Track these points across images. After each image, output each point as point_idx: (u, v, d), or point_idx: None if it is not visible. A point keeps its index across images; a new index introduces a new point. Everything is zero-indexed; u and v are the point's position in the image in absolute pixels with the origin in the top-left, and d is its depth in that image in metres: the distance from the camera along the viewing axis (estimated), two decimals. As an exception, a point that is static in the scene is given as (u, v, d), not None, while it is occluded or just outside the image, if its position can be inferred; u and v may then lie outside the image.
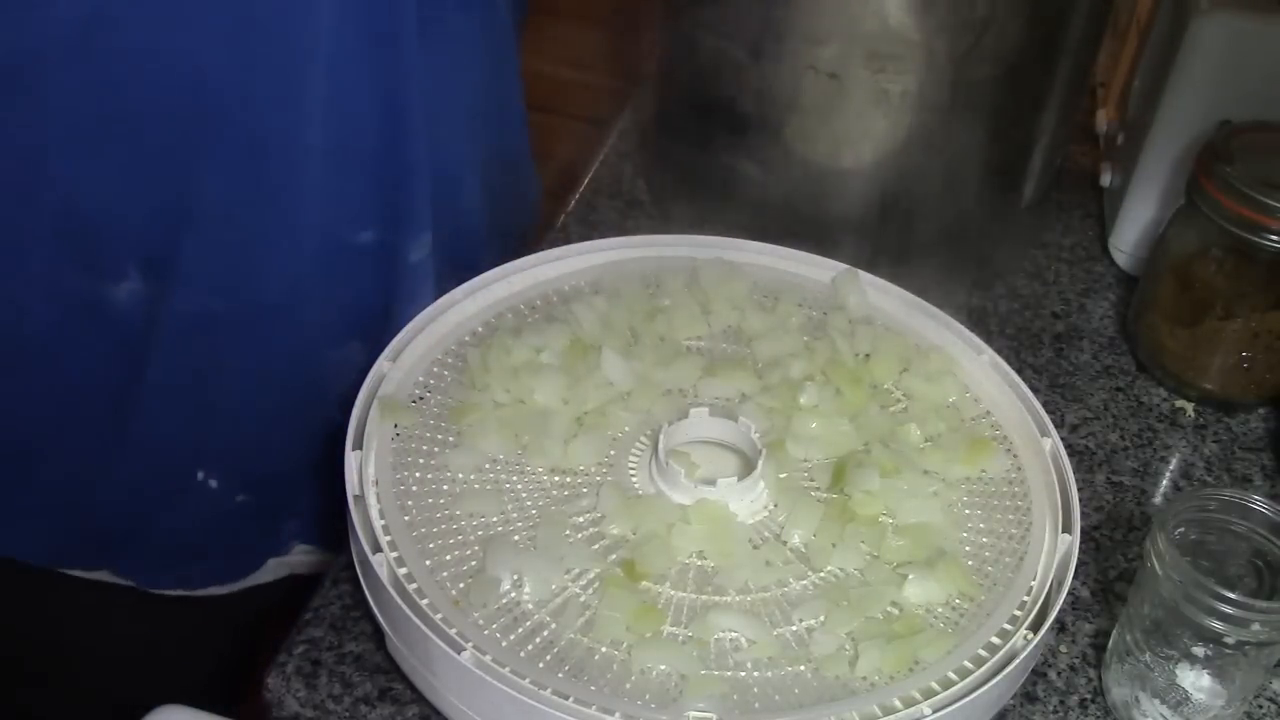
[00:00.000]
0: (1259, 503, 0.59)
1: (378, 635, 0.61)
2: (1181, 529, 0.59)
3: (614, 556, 0.60)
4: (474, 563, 0.59)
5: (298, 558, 0.81)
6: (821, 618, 0.58)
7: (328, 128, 0.61)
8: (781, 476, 0.65)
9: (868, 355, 0.71)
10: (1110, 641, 0.63)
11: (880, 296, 0.75)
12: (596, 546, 0.61)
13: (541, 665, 0.56)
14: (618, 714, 0.54)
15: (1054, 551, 0.62)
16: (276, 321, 0.67)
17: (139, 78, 0.58)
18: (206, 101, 0.59)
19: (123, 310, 0.65)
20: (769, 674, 0.57)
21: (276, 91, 0.60)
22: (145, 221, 0.63)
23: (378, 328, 0.70)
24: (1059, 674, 0.64)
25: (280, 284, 0.66)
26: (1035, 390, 0.70)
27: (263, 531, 0.78)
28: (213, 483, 0.72)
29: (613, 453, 0.65)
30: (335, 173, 0.63)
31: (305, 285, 0.67)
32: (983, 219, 0.81)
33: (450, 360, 0.69)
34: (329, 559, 0.80)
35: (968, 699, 0.55)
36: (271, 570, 0.81)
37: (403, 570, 0.58)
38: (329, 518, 0.77)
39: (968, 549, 0.62)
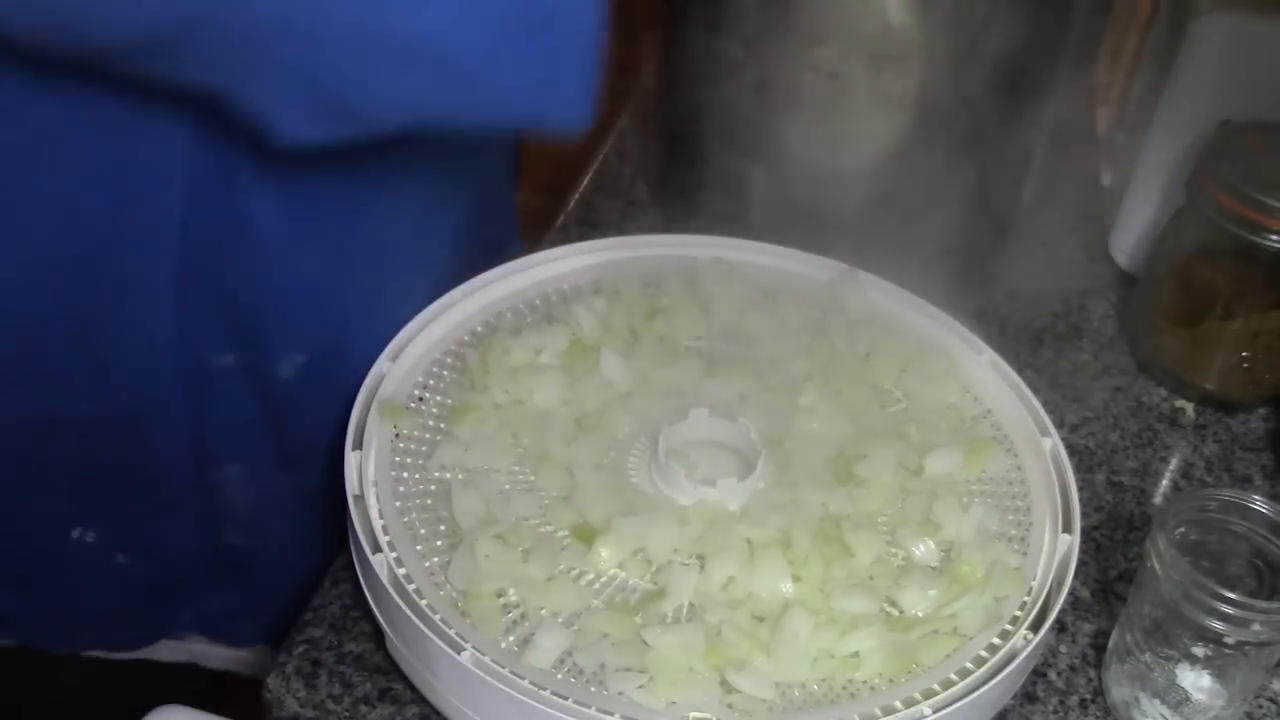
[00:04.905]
0: (1259, 503, 0.59)
1: (378, 635, 0.61)
2: (1181, 529, 0.59)
3: (614, 557, 0.61)
4: (474, 563, 0.59)
5: (196, 646, 0.79)
6: (822, 619, 0.58)
7: (185, 260, 0.61)
8: (781, 477, 0.65)
9: (868, 355, 0.71)
10: (1110, 641, 0.63)
11: (880, 296, 0.75)
12: (596, 547, 0.61)
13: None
14: (617, 715, 0.54)
15: (1054, 551, 0.62)
16: (141, 436, 0.66)
17: (10, 212, 0.58)
18: (74, 235, 0.59)
19: None
20: (769, 676, 0.57)
21: (143, 234, 0.60)
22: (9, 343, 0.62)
23: (259, 444, 0.69)
24: (1059, 674, 0.64)
25: (140, 404, 0.65)
26: (1035, 390, 0.70)
27: (153, 612, 0.76)
28: (89, 537, 0.71)
29: (613, 454, 0.65)
30: (191, 301, 0.62)
31: (164, 405, 0.65)
32: (982, 219, 0.81)
33: (450, 360, 0.69)
34: (232, 654, 0.79)
35: (968, 699, 0.55)
36: (168, 650, 0.79)
37: (402, 570, 0.58)
38: (228, 618, 0.77)
39: (968, 549, 0.62)
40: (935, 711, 0.55)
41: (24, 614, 0.75)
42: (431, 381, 0.68)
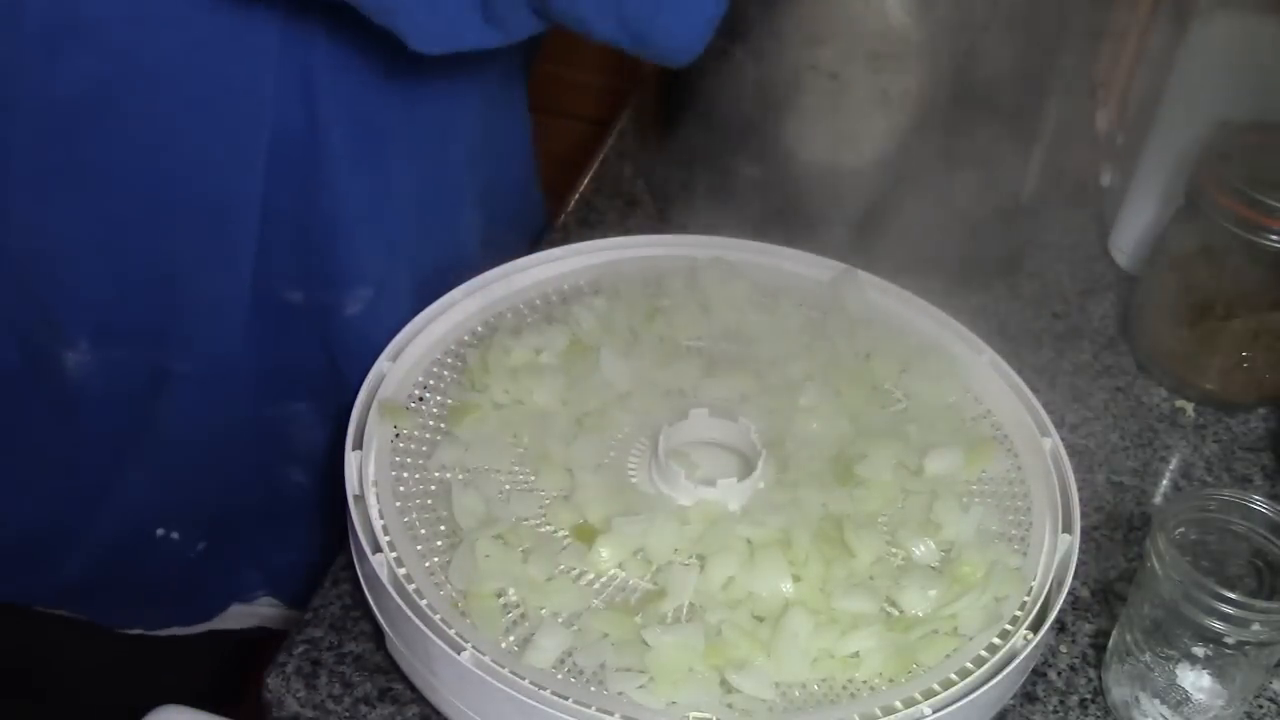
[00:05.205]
0: (1259, 503, 0.59)
1: (378, 635, 0.61)
2: (1181, 529, 0.59)
3: (614, 557, 0.61)
4: (474, 563, 0.59)
5: (266, 610, 0.81)
6: (822, 619, 0.58)
7: (269, 184, 0.62)
8: (781, 477, 0.65)
9: (868, 355, 0.71)
10: (1110, 641, 0.63)
11: (880, 296, 0.75)
12: (596, 547, 0.61)
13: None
14: (617, 715, 0.54)
15: (1054, 551, 0.62)
16: (215, 380, 0.68)
17: (109, 138, 0.59)
18: (173, 164, 0.60)
19: (68, 377, 0.65)
20: (769, 676, 0.57)
21: (235, 156, 0.61)
22: (102, 289, 0.63)
23: (322, 385, 0.71)
24: (1059, 674, 0.64)
25: (215, 344, 0.67)
26: (1035, 390, 0.70)
27: (223, 576, 0.78)
28: (174, 535, 0.73)
29: (613, 454, 0.65)
30: (267, 233, 0.64)
31: (240, 344, 0.67)
32: (982, 219, 0.81)
33: (450, 360, 0.69)
34: (298, 614, 0.81)
35: (968, 699, 0.55)
36: (238, 618, 0.81)
37: (402, 570, 0.58)
38: (292, 571, 0.79)
39: (968, 549, 0.62)
40: (935, 711, 0.55)
41: (98, 601, 0.76)
42: (431, 381, 0.68)
